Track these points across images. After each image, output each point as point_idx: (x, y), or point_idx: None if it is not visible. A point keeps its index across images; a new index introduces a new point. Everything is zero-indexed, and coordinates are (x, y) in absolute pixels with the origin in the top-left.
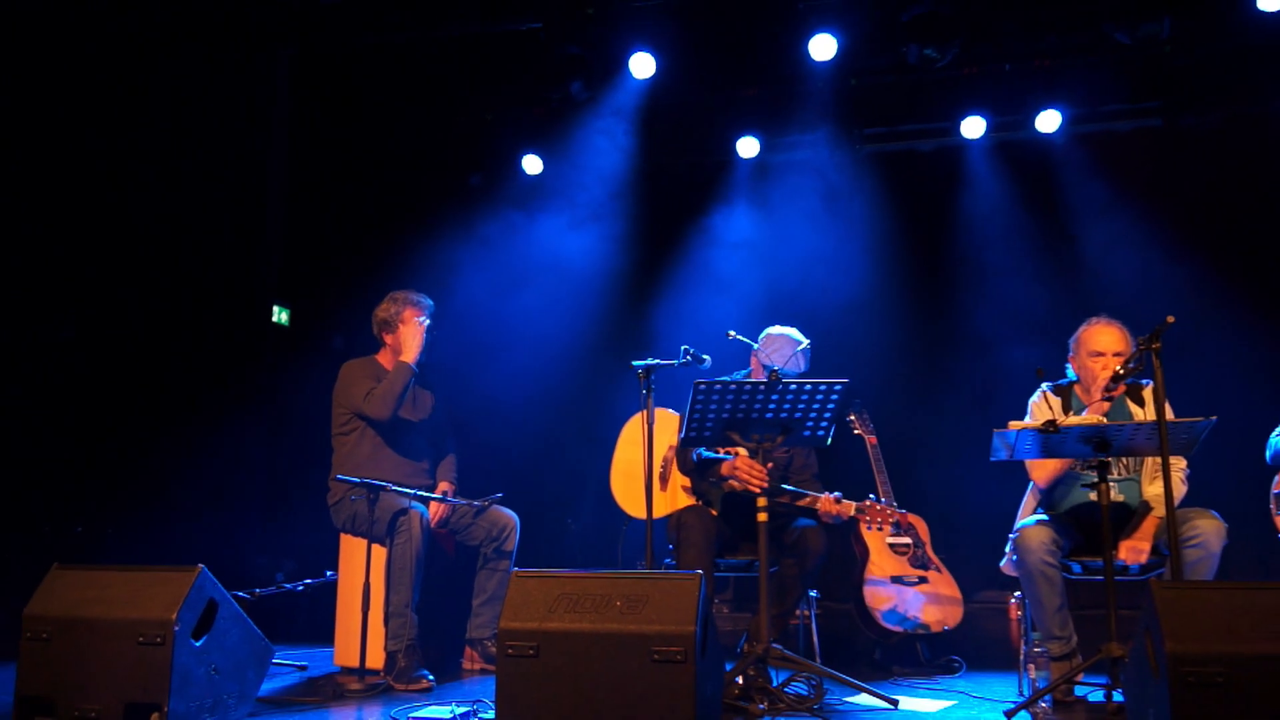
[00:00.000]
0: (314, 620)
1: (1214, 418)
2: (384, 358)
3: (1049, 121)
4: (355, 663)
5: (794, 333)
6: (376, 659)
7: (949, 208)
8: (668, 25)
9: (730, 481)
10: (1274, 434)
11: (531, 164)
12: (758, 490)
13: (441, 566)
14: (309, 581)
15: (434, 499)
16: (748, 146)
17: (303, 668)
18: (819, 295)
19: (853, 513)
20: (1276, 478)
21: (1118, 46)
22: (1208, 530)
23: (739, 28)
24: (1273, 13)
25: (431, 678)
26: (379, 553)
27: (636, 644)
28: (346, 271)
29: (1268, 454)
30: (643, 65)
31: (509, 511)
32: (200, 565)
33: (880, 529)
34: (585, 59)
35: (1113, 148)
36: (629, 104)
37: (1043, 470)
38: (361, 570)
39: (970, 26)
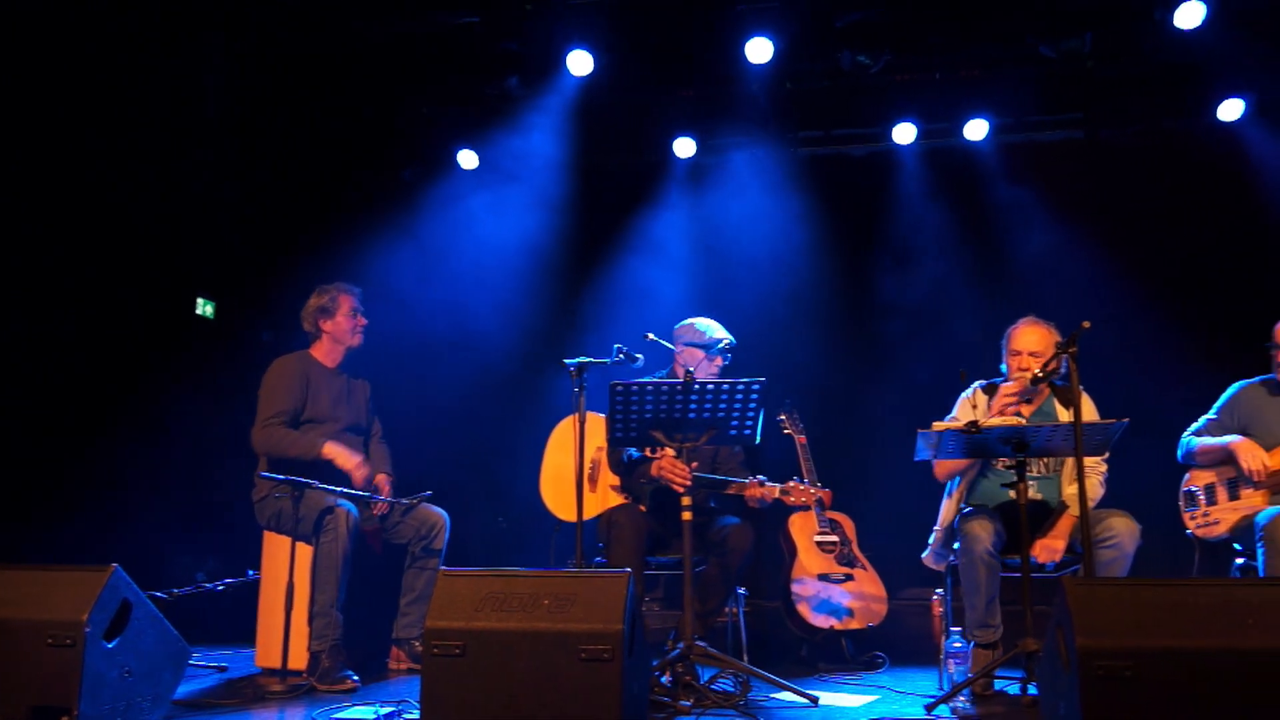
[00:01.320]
0: (235, 621)
1: (1126, 420)
2: (318, 350)
3: (977, 130)
4: (277, 664)
5: (702, 323)
6: (299, 660)
7: (881, 212)
8: (605, 23)
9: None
10: (1185, 434)
11: (467, 159)
12: (681, 490)
13: (368, 565)
14: (230, 581)
15: (364, 497)
16: (684, 146)
17: (222, 669)
18: (752, 296)
19: (777, 494)
20: (1186, 476)
21: (1042, 59)
22: (1122, 531)
23: (677, 28)
24: (1188, 30)
25: (356, 678)
26: (304, 551)
27: (564, 643)
28: (275, 264)
29: (1179, 453)
30: (580, 63)
31: (438, 510)
32: (114, 565)
33: (808, 508)
34: (522, 55)
35: (1037, 157)
36: (566, 101)
37: (942, 467)
38: (285, 569)
39: (902, 35)
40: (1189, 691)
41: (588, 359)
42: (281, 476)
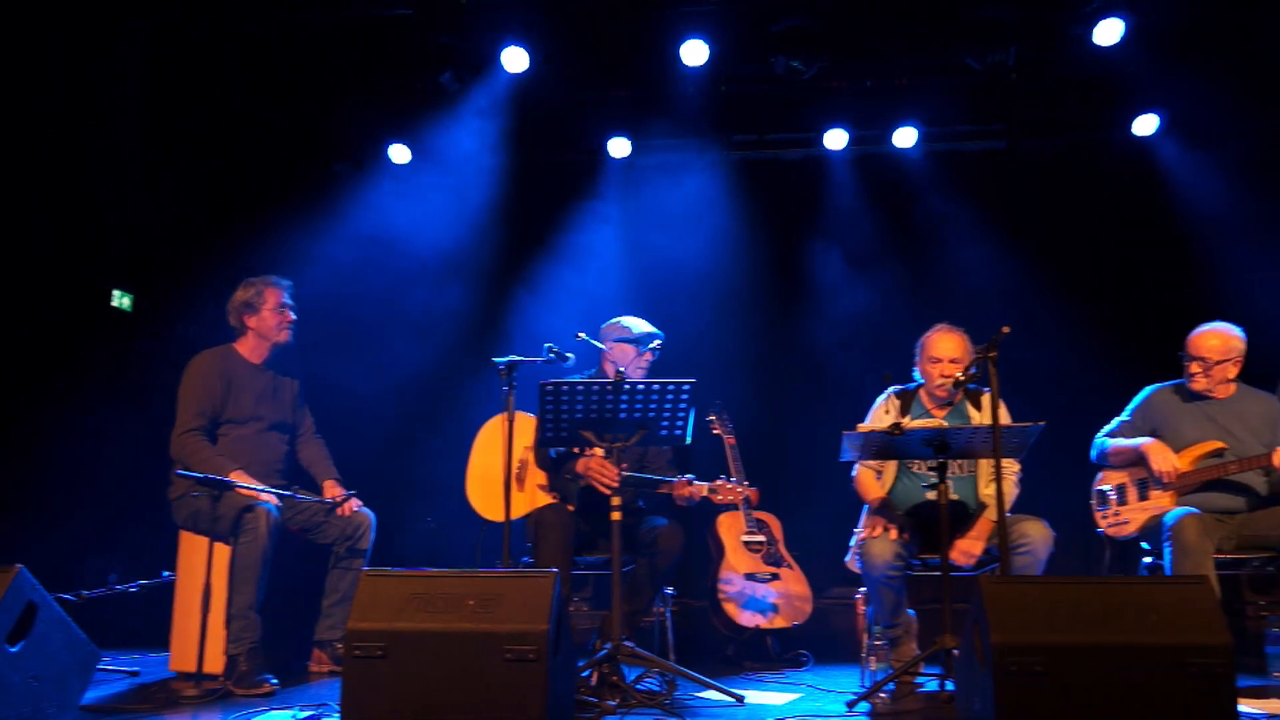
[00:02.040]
0: (148, 624)
1: (1043, 423)
2: (243, 346)
3: (905, 138)
4: (192, 668)
5: (629, 320)
6: (216, 663)
7: (812, 216)
8: (541, 21)
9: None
10: (1099, 435)
11: (398, 154)
12: (608, 491)
13: (290, 566)
14: (143, 583)
15: (286, 495)
16: (618, 146)
17: (134, 674)
18: (684, 297)
19: (705, 493)
20: (1099, 476)
21: (969, 71)
22: (1036, 537)
23: (613, 28)
24: (1107, 47)
25: (275, 682)
26: (221, 551)
27: (488, 643)
28: (198, 256)
29: (1093, 454)
30: (515, 59)
31: (365, 509)
32: (18, 565)
33: (737, 507)
34: (457, 50)
35: (962, 166)
36: (500, 98)
37: (863, 492)
38: (202, 570)
39: (835, 42)
40: (1096, 686)
41: (517, 358)
42: (199, 475)
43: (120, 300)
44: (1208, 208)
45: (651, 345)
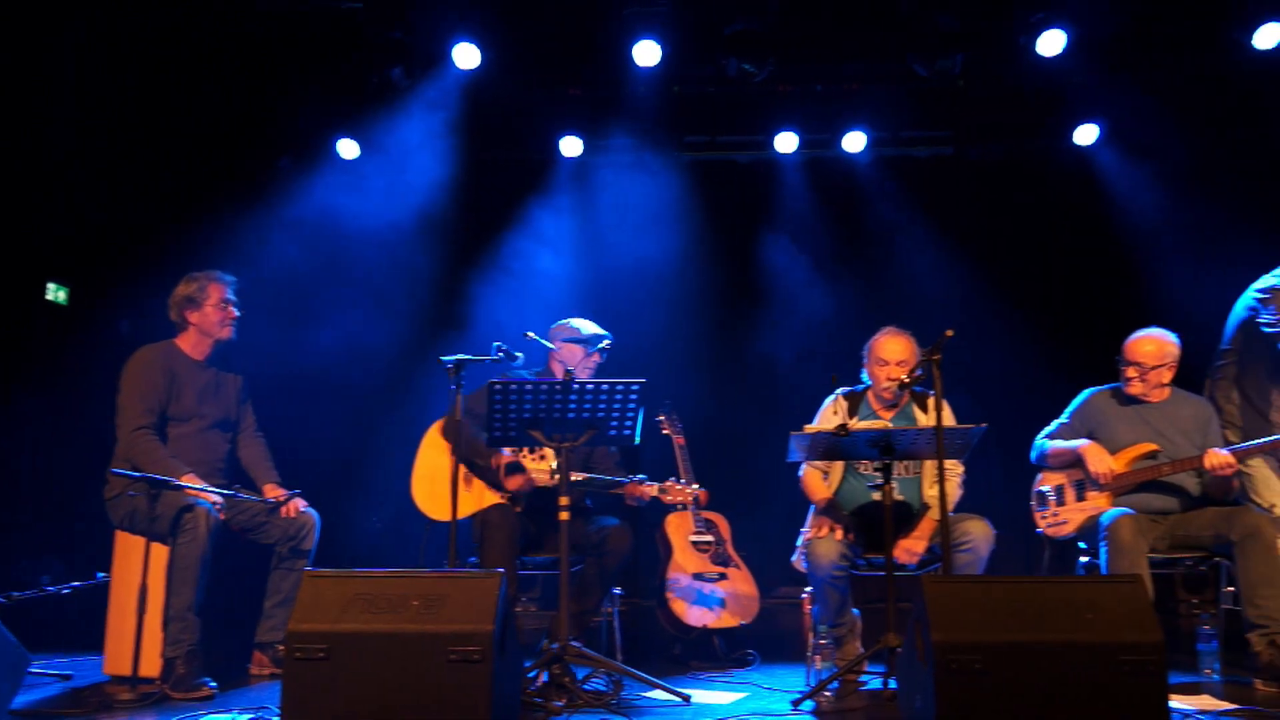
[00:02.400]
0: (82, 626)
1: (984, 425)
2: (184, 342)
3: (855, 142)
4: (127, 671)
5: (577, 321)
6: (152, 667)
7: (763, 218)
8: (493, 18)
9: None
10: (1039, 436)
11: (347, 149)
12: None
13: (231, 566)
14: (77, 584)
15: (229, 495)
16: (571, 145)
17: (66, 678)
18: (634, 297)
19: (655, 493)
20: (1038, 477)
21: (916, 78)
22: (977, 535)
23: (565, 27)
24: (1050, 57)
25: (214, 685)
26: (158, 552)
27: (433, 644)
28: (137, 250)
29: (1033, 455)
30: (467, 56)
31: (309, 509)
32: None
33: (684, 507)
34: (407, 45)
35: (910, 171)
36: (451, 95)
37: (810, 493)
38: (138, 571)
39: (786, 46)
40: (1034, 683)
41: (465, 356)
42: (137, 474)
43: (56, 293)
44: (1144, 217)
45: (600, 346)
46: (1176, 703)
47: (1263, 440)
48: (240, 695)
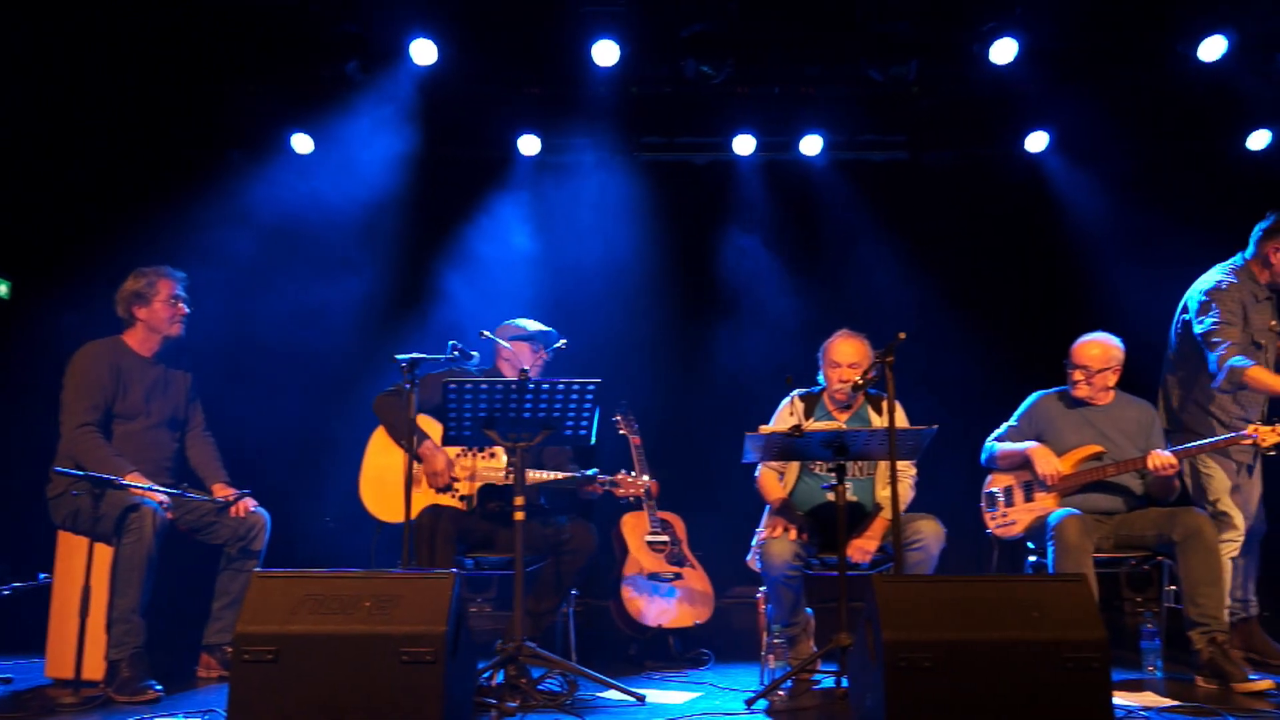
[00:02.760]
0: (23, 628)
1: (935, 426)
2: (132, 338)
3: (811, 146)
4: (70, 674)
5: (524, 320)
6: (96, 670)
7: (721, 220)
8: (450, 14)
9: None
10: (989, 439)
11: (300, 143)
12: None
13: (180, 567)
14: (17, 585)
15: (176, 494)
16: (528, 144)
17: (7, 680)
18: (591, 296)
19: (606, 487)
20: (988, 478)
21: (872, 83)
22: (928, 534)
23: (524, 25)
24: (1002, 66)
25: (160, 688)
26: (102, 552)
27: (384, 645)
28: (83, 243)
29: (983, 457)
30: (423, 52)
31: (259, 509)
32: None
33: (635, 500)
34: (363, 39)
35: (866, 175)
36: (408, 90)
37: (765, 493)
38: (81, 571)
39: (744, 48)
40: (982, 680)
41: (420, 355)
42: (80, 473)
43: None
44: (1091, 223)
45: (556, 345)
46: (1120, 699)
47: (1205, 441)
48: (187, 698)
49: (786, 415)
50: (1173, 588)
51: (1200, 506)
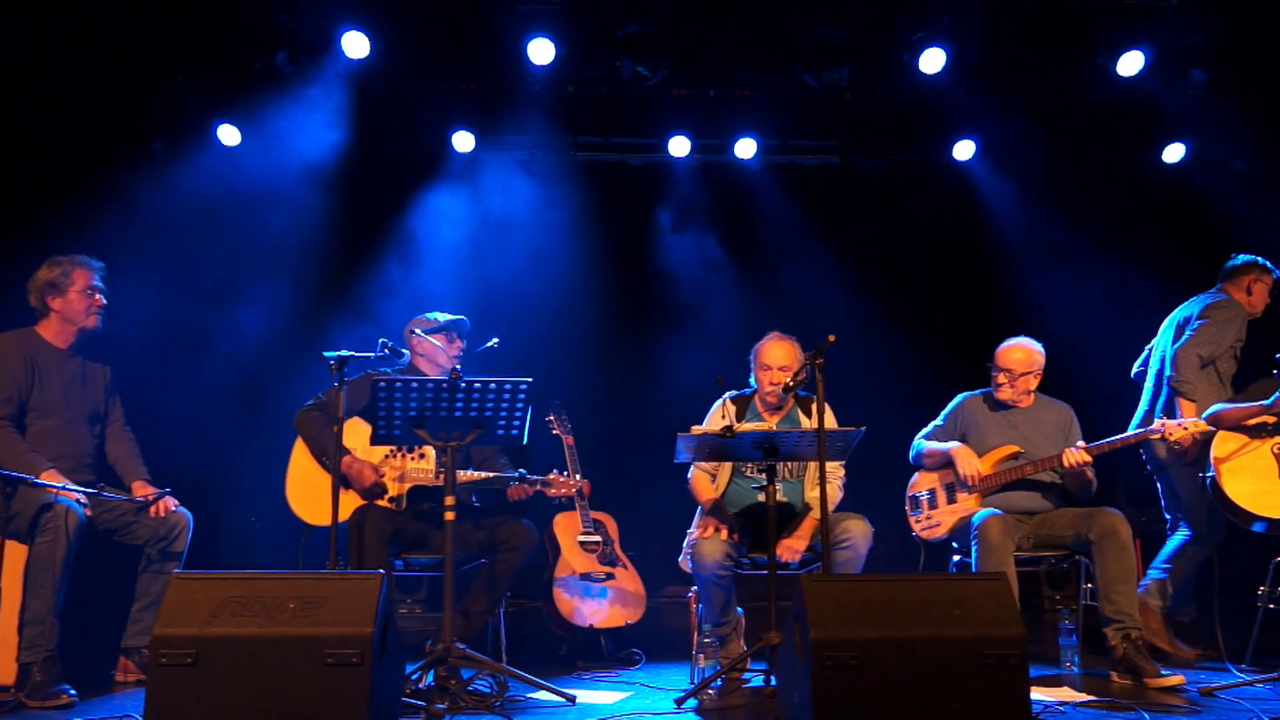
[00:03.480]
0: None
1: (863, 428)
2: (46, 330)
3: (746, 149)
4: None
5: (431, 314)
6: (7, 673)
7: (654, 221)
8: (384, 7)
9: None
10: (917, 437)
11: (227, 134)
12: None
13: (100, 568)
14: None
15: (93, 494)
16: (463, 140)
17: None
18: (524, 296)
19: (538, 486)
20: (912, 480)
21: (806, 88)
22: (856, 533)
23: (458, 20)
24: (931, 75)
25: (74, 693)
26: (15, 552)
27: (309, 648)
28: None
29: (911, 455)
30: (356, 45)
31: (181, 509)
32: None
33: (566, 501)
34: (292, 30)
35: (799, 179)
36: (340, 83)
37: (697, 493)
38: None
39: (680, 50)
40: (905, 676)
41: (348, 353)
42: None
43: None
44: (1014, 231)
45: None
46: (1038, 694)
47: (1116, 437)
48: (103, 703)
49: (719, 417)
50: (1089, 586)
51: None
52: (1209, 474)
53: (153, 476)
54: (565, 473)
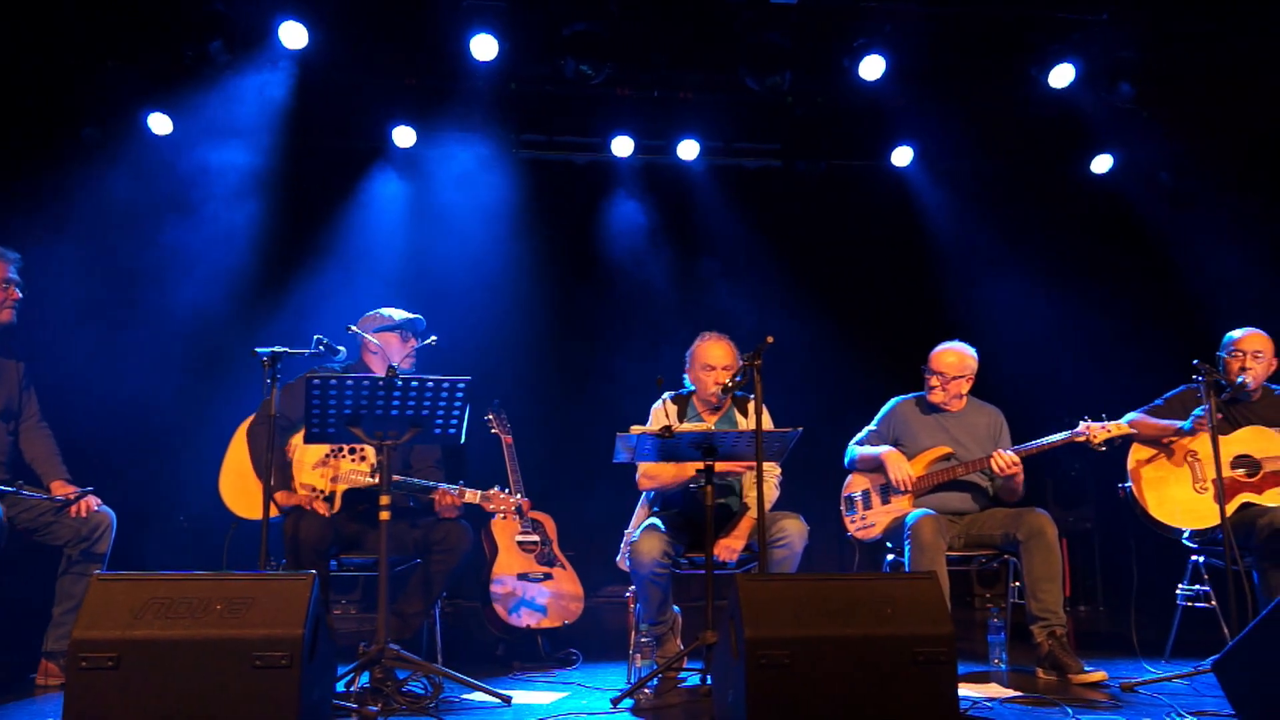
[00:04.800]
0: None
1: (800, 429)
2: None
3: (689, 150)
4: None
5: (387, 310)
6: None
7: (598, 221)
8: None
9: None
10: (851, 442)
11: (159, 123)
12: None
13: (19, 569)
14: None
15: (9, 492)
16: (404, 136)
17: None
18: (463, 293)
19: (477, 500)
20: (846, 481)
21: (749, 91)
22: (792, 532)
23: (400, 14)
24: (871, 81)
25: None
26: None
27: (236, 650)
28: None
29: (845, 459)
30: (293, 35)
31: (104, 508)
32: None
33: (505, 517)
34: (228, 18)
35: (741, 182)
36: (276, 75)
37: (650, 484)
38: None
39: (624, 50)
40: (837, 674)
41: (282, 349)
42: None
43: None
44: (949, 237)
45: (427, 341)
46: (966, 691)
47: (1041, 440)
48: (21, 708)
49: (661, 417)
50: (1018, 584)
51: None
52: (1126, 484)
53: (77, 474)
54: (507, 489)
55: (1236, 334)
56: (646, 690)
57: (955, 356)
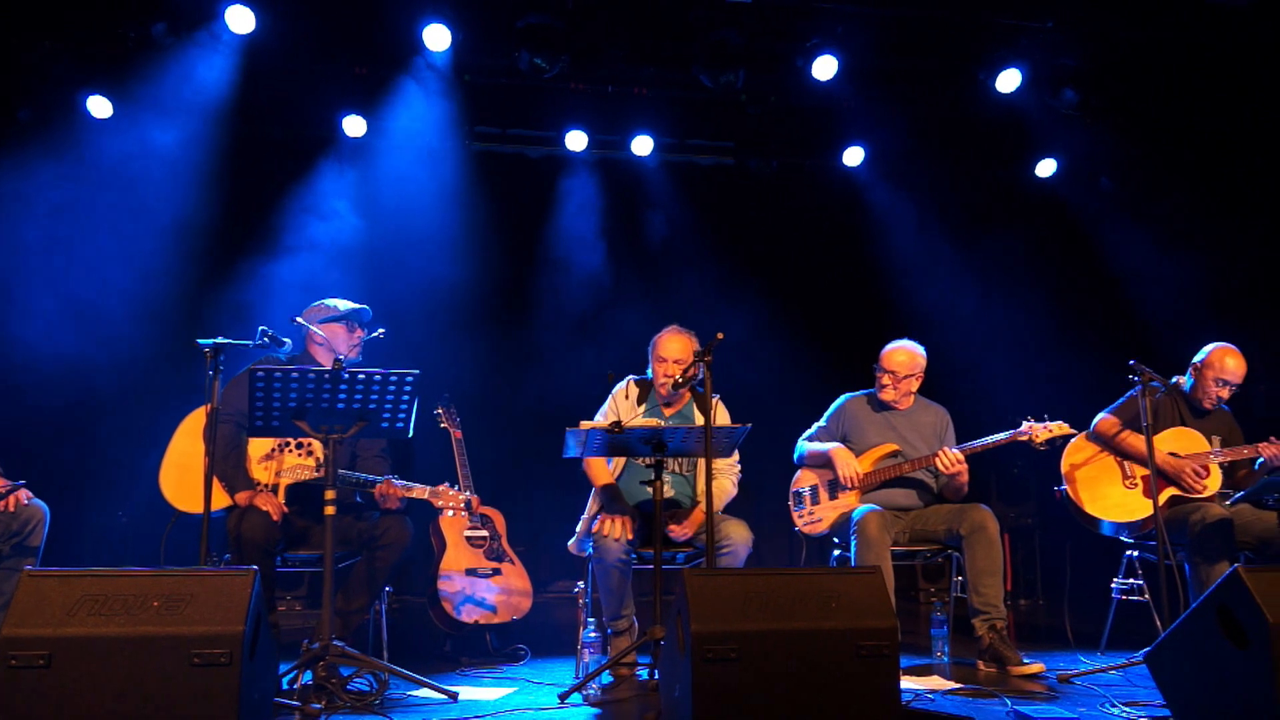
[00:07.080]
0: None
1: (749, 425)
2: None
3: (643, 146)
4: None
5: (331, 300)
6: None
7: (550, 214)
8: None
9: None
10: (801, 438)
11: (98, 107)
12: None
13: None
14: None
15: None
16: (354, 125)
17: None
18: (414, 286)
19: (425, 495)
20: (795, 476)
21: (702, 88)
22: (736, 539)
23: (351, 1)
24: (824, 81)
25: None
26: None
27: (174, 647)
28: None
29: (795, 455)
30: (240, 19)
31: (36, 501)
32: None
33: (453, 514)
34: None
35: (694, 178)
36: (223, 58)
37: (593, 477)
38: None
39: (579, 44)
40: (782, 668)
41: (225, 340)
42: None
43: None
44: (899, 236)
45: (374, 335)
46: (908, 683)
47: (986, 439)
48: None
49: (622, 398)
50: (960, 579)
51: None
52: (1062, 487)
53: (9, 468)
54: (456, 485)
55: (1230, 363)
56: (596, 685)
57: (906, 355)
